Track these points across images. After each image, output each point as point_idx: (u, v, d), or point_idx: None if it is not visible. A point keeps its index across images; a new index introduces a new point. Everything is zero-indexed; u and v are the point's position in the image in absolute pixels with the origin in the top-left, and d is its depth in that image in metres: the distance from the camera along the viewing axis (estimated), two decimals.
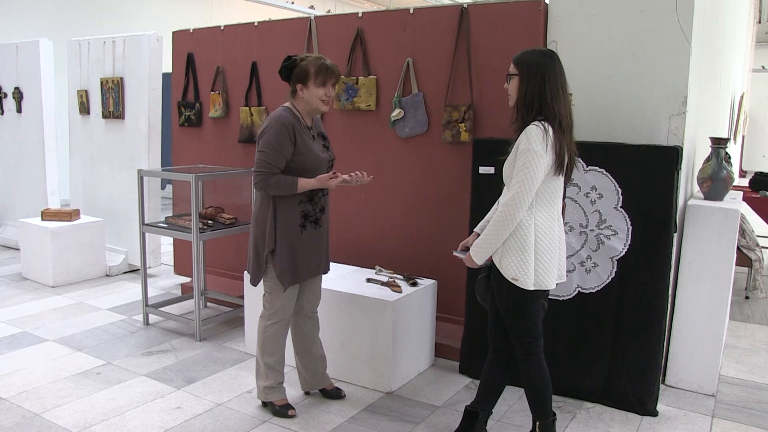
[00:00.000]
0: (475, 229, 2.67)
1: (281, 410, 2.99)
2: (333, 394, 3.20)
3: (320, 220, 2.92)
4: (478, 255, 2.44)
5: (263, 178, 2.73)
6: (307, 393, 3.24)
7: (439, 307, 3.67)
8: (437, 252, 3.76)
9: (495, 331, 2.59)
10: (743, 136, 12.29)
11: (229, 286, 4.68)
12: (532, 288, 2.39)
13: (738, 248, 4.16)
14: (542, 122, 2.33)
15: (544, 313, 2.55)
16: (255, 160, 2.77)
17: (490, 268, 2.53)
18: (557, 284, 2.51)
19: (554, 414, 2.59)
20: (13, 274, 5.48)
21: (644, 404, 3.05)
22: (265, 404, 3.06)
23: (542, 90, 2.34)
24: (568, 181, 2.50)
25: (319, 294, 3.15)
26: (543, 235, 2.39)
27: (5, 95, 6.49)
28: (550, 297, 3.16)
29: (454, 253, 2.64)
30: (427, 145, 3.79)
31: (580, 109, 3.21)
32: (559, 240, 2.47)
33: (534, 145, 2.29)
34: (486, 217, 2.67)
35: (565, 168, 2.40)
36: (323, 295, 3.39)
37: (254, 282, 2.94)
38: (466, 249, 2.60)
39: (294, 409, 3.02)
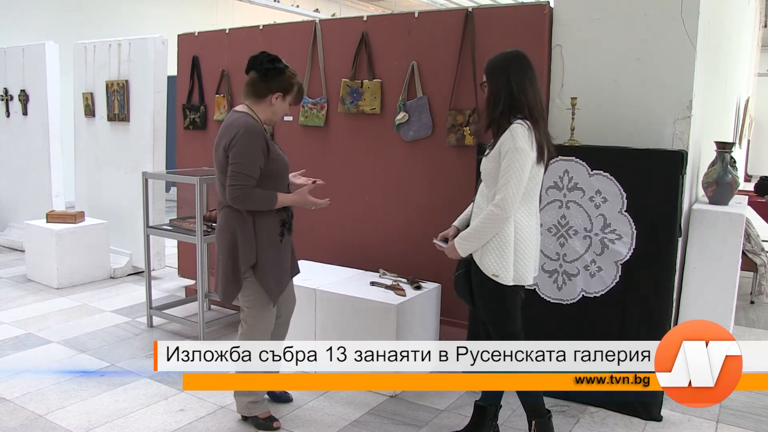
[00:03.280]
0: (453, 223, 2.70)
1: (266, 423, 2.87)
2: (282, 397, 3.13)
3: (292, 225, 2.87)
4: (462, 248, 2.48)
5: (243, 192, 2.59)
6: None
7: (443, 311, 3.66)
8: (441, 255, 3.71)
9: (475, 324, 2.60)
10: (748, 141, 12.22)
11: None
12: (511, 283, 2.43)
13: (743, 253, 4.14)
14: (525, 120, 2.35)
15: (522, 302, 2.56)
16: (229, 172, 2.62)
17: (468, 263, 2.53)
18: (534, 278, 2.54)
19: (549, 411, 2.60)
20: (17, 276, 5.49)
21: (648, 409, 3.04)
22: (245, 419, 2.92)
23: (508, 86, 2.38)
24: (545, 171, 2.52)
25: (295, 297, 3.08)
26: (522, 232, 2.42)
27: (11, 98, 6.51)
28: (554, 301, 3.17)
29: (435, 241, 2.68)
30: (431, 148, 3.79)
31: (584, 113, 3.21)
32: (536, 235, 2.51)
33: (521, 143, 2.32)
34: (465, 212, 2.69)
35: (544, 158, 2.42)
36: (328, 298, 3.40)
37: (229, 300, 2.78)
38: (445, 240, 2.61)
39: (278, 420, 2.92)
